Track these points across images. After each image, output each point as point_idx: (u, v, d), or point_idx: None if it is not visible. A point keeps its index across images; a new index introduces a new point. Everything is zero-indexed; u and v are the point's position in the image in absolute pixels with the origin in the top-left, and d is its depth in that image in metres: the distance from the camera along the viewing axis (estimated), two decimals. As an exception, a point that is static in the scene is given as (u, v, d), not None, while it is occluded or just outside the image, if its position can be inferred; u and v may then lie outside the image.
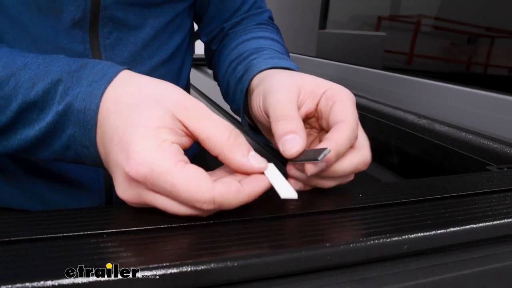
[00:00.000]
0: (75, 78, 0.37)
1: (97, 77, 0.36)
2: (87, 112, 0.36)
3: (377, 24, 1.16)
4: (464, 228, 0.33)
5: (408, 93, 0.89)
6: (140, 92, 0.35)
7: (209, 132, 0.34)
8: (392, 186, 0.42)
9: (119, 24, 0.53)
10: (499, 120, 0.68)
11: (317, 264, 0.30)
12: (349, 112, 0.40)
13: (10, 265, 0.27)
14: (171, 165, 0.31)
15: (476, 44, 0.87)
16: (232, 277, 0.28)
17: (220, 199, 0.32)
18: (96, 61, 0.38)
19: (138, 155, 0.32)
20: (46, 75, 0.38)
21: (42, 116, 0.38)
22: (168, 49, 0.60)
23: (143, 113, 0.33)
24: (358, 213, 0.36)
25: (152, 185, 0.32)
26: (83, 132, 0.36)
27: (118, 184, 0.34)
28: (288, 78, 0.44)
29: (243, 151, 0.34)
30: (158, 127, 0.33)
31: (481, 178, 0.45)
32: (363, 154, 0.40)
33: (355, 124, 0.40)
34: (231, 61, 0.58)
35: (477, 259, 0.33)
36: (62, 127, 0.37)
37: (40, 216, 0.34)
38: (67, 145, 0.38)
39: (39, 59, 0.39)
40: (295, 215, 0.35)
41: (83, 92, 0.36)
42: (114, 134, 0.34)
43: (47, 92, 0.37)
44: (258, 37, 0.61)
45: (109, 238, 0.31)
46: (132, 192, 0.33)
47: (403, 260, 0.32)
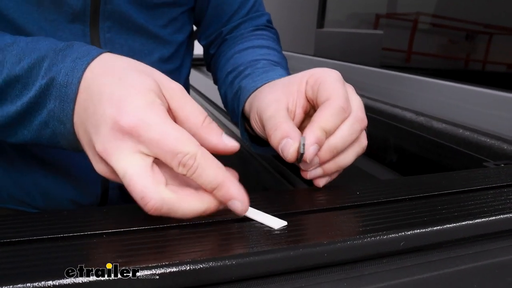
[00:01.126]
0: (60, 56, 0.38)
1: (81, 54, 0.37)
2: (69, 86, 0.36)
3: (375, 22, 1.16)
4: (460, 224, 0.34)
5: (406, 90, 0.89)
6: (129, 64, 0.37)
7: (188, 114, 0.35)
8: (389, 183, 0.43)
9: (119, 19, 0.53)
10: (496, 117, 0.68)
11: (315, 262, 0.30)
12: (333, 89, 0.41)
13: (11, 265, 0.27)
14: (161, 119, 0.33)
15: (474, 41, 0.87)
16: (230, 275, 0.28)
17: (203, 157, 0.32)
18: (82, 43, 0.39)
19: (130, 107, 0.33)
20: (33, 52, 0.38)
21: (25, 92, 0.38)
22: (168, 48, 0.60)
23: (134, 77, 0.35)
24: (355, 211, 0.36)
25: (138, 137, 0.32)
26: (62, 106, 0.37)
27: (98, 137, 0.34)
28: (275, 90, 0.45)
29: (217, 133, 0.36)
30: (149, 90, 0.34)
31: (477, 174, 0.45)
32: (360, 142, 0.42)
33: (341, 100, 0.40)
34: (228, 72, 0.59)
35: (473, 255, 0.33)
36: (43, 101, 0.38)
37: (41, 217, 0.34)
38: (46, 121, 0.38)
39: (28, 39, 0.40)
40: (292, 213, 0.35)
41: (66, 67, 0.37)
42: (103, 92, 0.34)
43: (32, 68, 0.38)
44: (254, 46, 0.62)
45: (109, 238, 0.31)
46: (111, 145, 0.33)
47: (400, 257, 0.32)
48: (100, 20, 0.52)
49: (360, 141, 0.43)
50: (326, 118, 0.39)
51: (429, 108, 0.81)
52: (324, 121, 0.39)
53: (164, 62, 0.60)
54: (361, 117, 0.42)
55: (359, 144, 0.43)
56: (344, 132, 0.40)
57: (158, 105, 0.33)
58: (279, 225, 0.33)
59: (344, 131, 0.40)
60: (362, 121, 0.42)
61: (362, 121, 0.42)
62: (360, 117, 0.41)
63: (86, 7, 0.50)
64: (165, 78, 0.37)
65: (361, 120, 0.41)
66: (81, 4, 0.50)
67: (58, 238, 0.31)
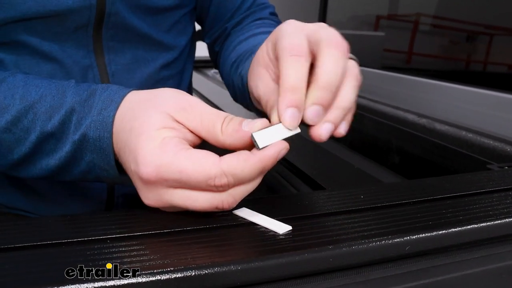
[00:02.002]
0: (86, 108, 0.39)
1: (105, 104, 0.39)
2: (102, 140, 0.38)
3: (376, 23, 1.16)
4: (465, 228, 0.34)
5: (408, 92, 0.89)
6: (139, 105, 0.37)
7: (206, 129, 0.35)
8: (393, 187, 0.42)
9: (122, 28, 0.53)
10: (500, 119, 0.68)
11: (320, 266, 0.30)
12: (286, 32, 0.37)
13: (12, 272, 0.27)
14: (173, 155, 0.33)
15: (475, 42, 0.87)
16: (235, 280, 0.28)
17: (229, 169, 0.32)
18: (103, 87, 0.40)
19: (144, 158, 0.33)
20: (61, 107, 0.40)
21: (59, 145, 0.40)
22: (171, 54, 0.60)
23: (143, 121, 0.35)
24: (360, 215, 0.36)
25: (165, 181, 0.33)
26: (102, 157, 0.39)
27: (140, 192, 0.36)
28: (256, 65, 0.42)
29: (237, 131, 0.34)
30: (158, 129, 0.34)
31: (482, 177, 0.45)
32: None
33: (293, 39, 0.36)
34: (232, 62, 0.59)
35: (479, 259, 0.33)
36: (80, 155, 0.40)
37: (44, 222, 0.34)
38: (87, 170, 0.41)
39: (52, 89, 0.41)
40: (297, 218, 0.35)
41: (95, 121, 0.39)
42: (125, 148, 0.36)
43: (63, 123, 0.40)
44: (256, 34, 0.60)
45: (113, 243, 0.31)
46: (152, 195, 0.35)
47: (405, 261, 0.32)
48: (103, 29, 0.52)
49: (351, 72, 0.37)
50: (283, 74, 0.35)
51: (432, 110, 0.81)
52: (283, 79, 0.35)
53: (168, 67, 0.60)
54: (336, 42, 0.36)
55: (352, 75, 0.37)
56: (347, 90, 0.36)
57: (169, 140, 0.34)
58: (283, 229, 0.33)
59: (347, 90, 0.36)
60: (338, 45, 0.36)
61: (338, 45, 0.36)
62: (335, 42, 0.36)
63: (90, 21, 0.50)
64: (178, 101, 0.36)
65: (335, 45, 0.36)
66: (85, 20, 0.50)
67: (62, 243, 0.31)
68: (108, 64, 0.54)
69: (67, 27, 0.49)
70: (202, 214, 0.35)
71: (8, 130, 0.41)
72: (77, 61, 0.52)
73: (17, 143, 0.41)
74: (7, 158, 0.42)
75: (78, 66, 0.52)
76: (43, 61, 0.50)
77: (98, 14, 0.50)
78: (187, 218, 0.35)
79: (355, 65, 0.39)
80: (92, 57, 0.53)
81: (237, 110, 1.12)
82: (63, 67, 0.51)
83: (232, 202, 0.34)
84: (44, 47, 0.50)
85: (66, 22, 0.49)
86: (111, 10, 0.50)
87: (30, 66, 0.50)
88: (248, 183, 0.34)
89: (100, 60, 0.53)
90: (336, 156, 0.72)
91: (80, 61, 0.52)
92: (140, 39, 0.55)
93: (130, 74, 0.56)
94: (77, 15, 0.49)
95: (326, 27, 0.38)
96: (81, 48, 0.52)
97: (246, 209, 0.36)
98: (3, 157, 0.42)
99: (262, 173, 0.34)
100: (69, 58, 0.51)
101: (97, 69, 0.53)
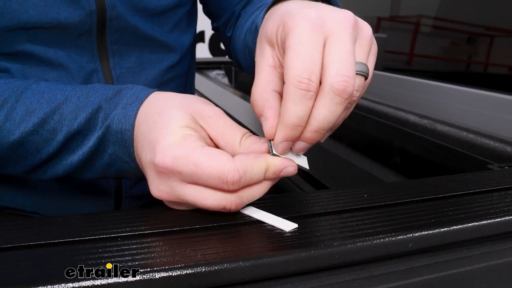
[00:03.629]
0: (112, 104, 0.41)
1: (130, 100, 0.40)
2: (124, 132, 0.40)
3: (377, 25, 1.17)
4: (466, 226, 0.34)
5: (409, 93, 0.90)
6: (165, 102, 0.39)
7: (226, 139, 0.37)
8: (396, 186, 0.43)
9: (126, 31, 0.54)
10: (500, 120, 0.69)
11: (326, 263, 0.31)
12: (293, 51, 0.33)
13: (25, 269, 0.28)
14: (191, 149, 0.34)
15: (477, 43, 0.88)
16: (244, 276, 0.29)
17: (241, 165, 0.34)
18: (129, 86, 0.42)
19: (162, 148, 0.35)
20: (86, 106, 0.41)
21: (85, 142, 0.42)
22: (175, 54, 0.60)
23: (168, 117, 0.37)
24: (364, 213, 0.37)
25: (179, 173, 0.34)
26: (123, 149, 0.40)
27: (151, 183, 0.37)
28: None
29: (256, 145, 0.36)
30: (181, 126, 0.36)
31: (482, 177, 0.46)
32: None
33: (298, 71, 0.32)
34: (246, 32, 0.55)
35: (480, 256, 0.34)
36: (103, 148, 0.41)
37: (55, 221, 0.35)
38: (109, 163, 0.42)
39: (77, 91, 0.43)
40: (302, 216, 0.36)
41: (119, 114, 0.40)
42: (143, 140, 0.37)
43: (89, 121, 0.41)
44: (267, 3, 0.58)
45: (124, 241, 0.32)
46: (164, 186, 0.36)
47: (408, 258, 0.33)
48: (107, 33, 0.52)
49: (336, 88, 0.32)
50: (286, 109, 0.33)
51: (433, 111, 0.81)
52: (285, 115, 0.33)
53: (172, 69, 0.60)
54: (341, 89, 0.32)
55: (333, 90, 0.32)
56: (323, 110, 0.33)
57: (189, 137, 0.35)
58: (290, 227, 0.34)
59: (323, 108, 0.33)
60: (343, 92, 0.32)
61: (343, 92, 0.32)
62: (339, 88, 0.32)
63: (92, 27, 0.51)
64: (203, 107, 0.38)
65: (340, 91, 0.32)
66: (87, 26, 0.50)
67: (74, 241, 0.31)
68: (113, 68, 0.54)
69: (70, 34, 0.50)
70: (210, 212, 0.36)
71: (36, 132, 0.42)
72: (82, 66, 0.52)
73: (45, 144, 0.42)
74: (36, 158, 0.43)
75: (83, 71, 0.52)
76: (49, 69, 0.51)
77: (99, 20, 0.51)
78: (196, 216, 0.36)
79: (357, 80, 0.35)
80: (97, 61, 0.53)
81: (239, 111, 1.13)
82: (69, 73, 0.52)
83: (239, 204, 0.35)
84: (49, 54, 0.50)
85: (69, 30, 0.50)
86: (112, 15, 0.51)
87: (36, 74, 0.51)
88: (255, 186, 0.35)
89: (105, 64, 0.54)
90: (339, 156, 0.73)
91: (85, 66, 0.52)
92: (145, 41, 0.56)
93: (134, 77, 0.56)
94: (79, 22, 0.49)
95: (344, 34, 0.33)
96: (86, 53, 0.52)
97: (253, 207, 0.37)
98: (31, 157, 0.43)
99: (267, 179, 0.36)
100: (74, 64, 0.52)
101: (101, 73, 0.54)
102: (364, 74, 0.36)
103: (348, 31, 0.34)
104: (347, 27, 0.34)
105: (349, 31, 0.34)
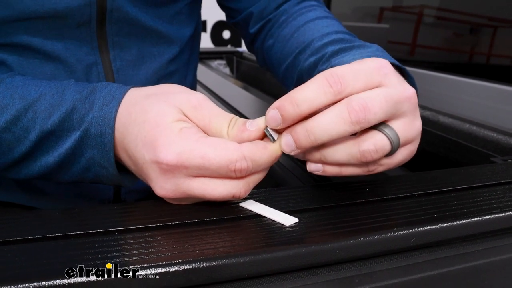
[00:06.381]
0: (87, 104, 0.39)
1: (107, 100, 0.39)
2: (104, 135, 0.38)
3: (380, 15, 1.16)
4: (469, 221, 0.34)
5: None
6: (147, 99, 0.37)
7: (215, 129, 0.36)
8: (398, 179, 0.43)
9: (127, 23, 0.53)
10: (503, 111, 0.68)
11: (326, 258, 0.30)
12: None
13: (24, 264, 0.27)
14: (195, 142, 0.34)
15: (479, 34, 0.87)
16: (243, 272, 0.29)
17: (249, 154, 0.34)
18: (104, 84, 0.40)
19: (164, 146, 0.34)
20: (61, 105, 0.40)
21: (60, 143, 0.40)
22: (176, 46, 0.59)
23: (157, 113, 0.36)
24: (365, 207, 0.36)
25: (185, 168, 0.34)
26: (102, 154, 0.39)
27: (155, 183, 0.36)
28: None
29: (243, 132, 0.36)
30: (173, 121, 0.35)
31: (485, 170, 0.45)
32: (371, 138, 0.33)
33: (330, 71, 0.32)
34: (297, 52, 0.55)
35: (483, 251, 0.34)
36: (80, 151, 0.40)
37: (52, 215, 0.35)
38: (86, 167, 0.40)
39: (52, 88, 0.41)
40: (303, 210, 0.35)
41: (96, 116, 0.38)
42: (136, 140, 0.36)
43: (63, 121, 0.40)
44: (311, 19, 0.57)
45: (121, 235, 0.31)
46: (169, 185, 0.35)
47: (411, 253, 0.33)
48: (107, 25, 0.51)
49: (358, 141, 0.33)
50: (301, 88, 0.33)
51: (435, 102, 0.81)
52: (296, 90, 0.33)
53: (173, 62, 0.60)
54: (358, 109, 0.31)
55: (355, 144, 0.33)
56: (324, 116, 0.32)
57: (187, 130, 0.35)
58: (290, 222, 0.33)
59: (325, 115, 0.32)
60: (359, 112, 0.31)
61: (359, 112, 0.31)
62: (357, 108, 0.31)
63: (91, 18, 0.50)
64: (188, 97, 0.37)
65: (356, 111, 0.31)
66: (86, 17, 0.49)
67: (71, 236, 0.31)
68: (113, 60, 0.53)
69: (69, 25, 0.49)
70: (208, 206, 0.35)
71: (8, 130, 0.40)
72: (80, 59, 0.51)
73: (18, 142, 0.41)
74: (8, 157, 0.42)
75: (81, 64, 0.51)
76: (46, 61, 0.50)
77: (99, 11, 0.50)
78: (194, 210, 0.35)
79: (373, 138, 0.34)
80: (97, 53, 0.52)
81: (240, 101, 1.12)
82: (66, 65, 0.51)
83: (247, 190, 0.35)
84: (47, 47, 0.49)
85: (67, 20, 0.49)
86: (113, 6, 0.50)
87: (33, 66, 0.50)
88: (260, 172, 0.36)
89: (105, 56, 0.53)
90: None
91: (83, 59, 0.52)
92: (146, 33, 0.55)
93: (135, 70, 0.56)
94: (77, 12, 0.48)
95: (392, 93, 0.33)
96: (85, 45, 0.51)
97: (253, 201, 0.37)
98: (4, 156, 0.42)
99: (273, 162, 0.36)
100: (72, 56, 0.51)
101: (101, 66, 0.53)
102: (390, 138, 0.34)
103: (405, 103, 0.34)
104: (413, 103, 0.35)
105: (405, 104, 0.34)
